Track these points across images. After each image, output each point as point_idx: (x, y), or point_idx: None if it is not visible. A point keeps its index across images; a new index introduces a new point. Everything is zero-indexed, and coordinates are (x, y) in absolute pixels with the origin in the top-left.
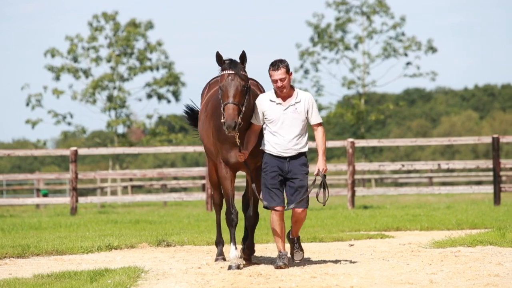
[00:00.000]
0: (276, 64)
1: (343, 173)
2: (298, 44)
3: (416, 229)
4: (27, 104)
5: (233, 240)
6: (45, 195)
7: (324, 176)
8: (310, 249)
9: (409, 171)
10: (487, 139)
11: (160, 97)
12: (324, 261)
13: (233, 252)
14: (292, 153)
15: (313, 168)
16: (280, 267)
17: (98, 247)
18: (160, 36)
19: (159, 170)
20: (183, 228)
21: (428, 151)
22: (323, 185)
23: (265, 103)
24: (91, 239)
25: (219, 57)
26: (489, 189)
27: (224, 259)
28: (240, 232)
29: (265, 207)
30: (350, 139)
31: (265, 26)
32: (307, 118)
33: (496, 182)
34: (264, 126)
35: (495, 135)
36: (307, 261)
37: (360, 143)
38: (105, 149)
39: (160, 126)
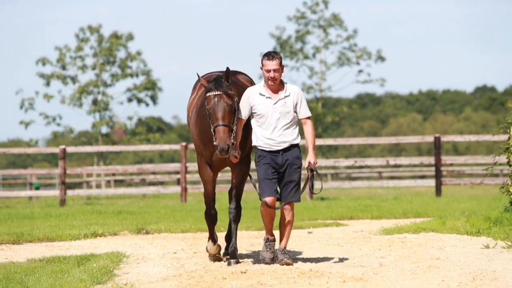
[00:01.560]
0: (270, 54)
1: (302, 168)
2: (262, 53)
3: (367, 218)
4: (21, 107)
5: (211, 236)
6: (37, 188)
7: (314, 169)
8: None
9: (361, 167)
10: (430, 138)
11: (139, 101)
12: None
13: (211, 247)
14: (284, 146)
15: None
16: (266, 263)
17: (85, 234)
18: (139, 46)
19: (138, 166)
20: (160, 218)
21: (378, 149)
22: (313, 177)
23: (255, 96)
24: (78, 228)
25: (199, 79)
26: (432, 182)
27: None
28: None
29: (261, 199)
30: None
31: (232, 37)
32: (295, 111)
33: (438, 176)
34: (252, 122)
35: (437, 135)
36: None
37: (318, 142)
38: (90, 147)
39: (139, 126)
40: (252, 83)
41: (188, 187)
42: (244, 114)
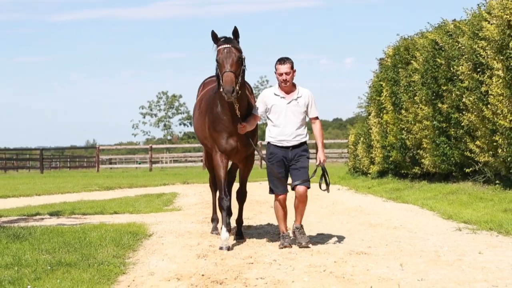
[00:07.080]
0: (282, 60)
1: (311, 158)
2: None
3: None
4: (132, 127)
5: (225, 223)
6: (139, 164)
7: (323, 168)
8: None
9: None
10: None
11: (184, 124)
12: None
13: (224, 234)
14: (295, 143)
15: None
16: (286, 247)
17: (160, 184)
18: (184, 99)
19: (184, 154)
20: (194, 176)
21: None
22: (324, 175)
23: (271, 96)
24: (157, 181)
25: (214, 36)
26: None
27: (218, 234)
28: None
29: (271, 193)
30: None
31: None
32: (306, 111)
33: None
34: (267, 120)
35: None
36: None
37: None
38: (163, 145)
39: (184, 135)
40: (246, 86)
41: None
42: (260, 112)
